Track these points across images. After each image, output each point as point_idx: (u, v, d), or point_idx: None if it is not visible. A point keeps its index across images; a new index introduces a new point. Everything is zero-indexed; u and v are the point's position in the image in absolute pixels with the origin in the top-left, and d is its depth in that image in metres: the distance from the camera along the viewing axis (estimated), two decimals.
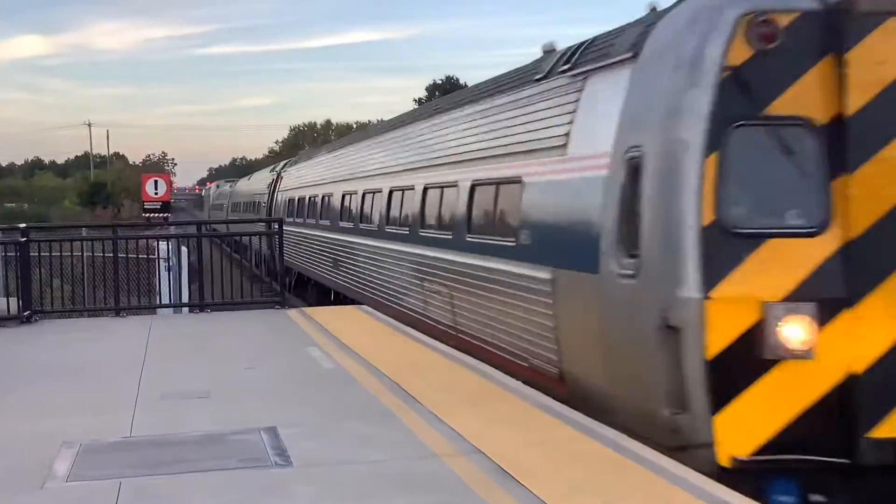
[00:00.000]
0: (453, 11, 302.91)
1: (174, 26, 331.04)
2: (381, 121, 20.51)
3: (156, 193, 23.55)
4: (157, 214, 23.57)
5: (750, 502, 5.24)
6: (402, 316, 13.52)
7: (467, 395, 8.10)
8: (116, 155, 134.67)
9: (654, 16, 8.17)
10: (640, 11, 8.74)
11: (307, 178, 24.88)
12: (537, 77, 10.03)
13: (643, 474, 5.73)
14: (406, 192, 14.50)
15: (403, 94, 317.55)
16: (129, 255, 16.93)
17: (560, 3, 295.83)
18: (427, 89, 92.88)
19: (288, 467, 6.16)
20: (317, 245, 21.89)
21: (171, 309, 17.06)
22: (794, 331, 6.35)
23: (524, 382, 8.68)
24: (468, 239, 11.16)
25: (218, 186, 71.60)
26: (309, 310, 15.59)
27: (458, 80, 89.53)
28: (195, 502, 5.51)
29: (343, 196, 19.48)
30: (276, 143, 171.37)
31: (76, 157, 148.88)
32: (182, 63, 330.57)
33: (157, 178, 24.22)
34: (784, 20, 6.65)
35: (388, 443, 6.66)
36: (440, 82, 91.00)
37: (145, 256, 19.79)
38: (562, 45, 10.36)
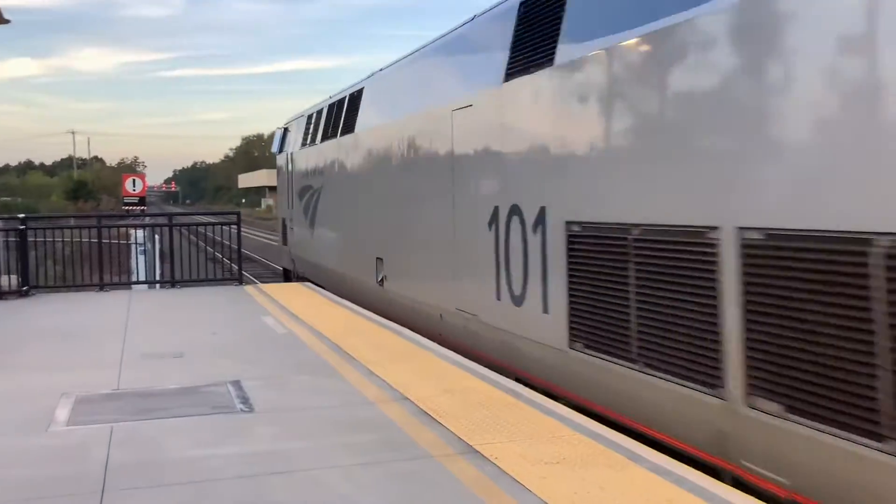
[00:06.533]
0: (376, 48, 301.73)
1: (145, 53, 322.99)
2: None
3: (134, 189, 22.86)
4: (134, 207, 22.87)
5: (620, 436, 5.35)
6: None
7: (394, 353, 8.12)
8: (96, 158, 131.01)
9: None
10: None
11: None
12: None
13: (535, 414, 5.83)
14: None
15: None
16: (112, 241, 16.45)
17: None
18: None
19: (251, 413, 6.11)
20: None
21: (146, 286, 16.67)
22: None
23: None
24: None
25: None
26: (262, 286, 15.41)
27: None
28: (175, 441, 5.43)
29: None
30: (231, 150, 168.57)
31: (61, 159, 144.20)
32: (151, 83, 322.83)
33: (135, 178, 23.45)
34: None
35: (333, 392, 6.65)
36: None
37: (125, 242, 19.29)
38: None
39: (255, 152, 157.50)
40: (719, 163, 5.00)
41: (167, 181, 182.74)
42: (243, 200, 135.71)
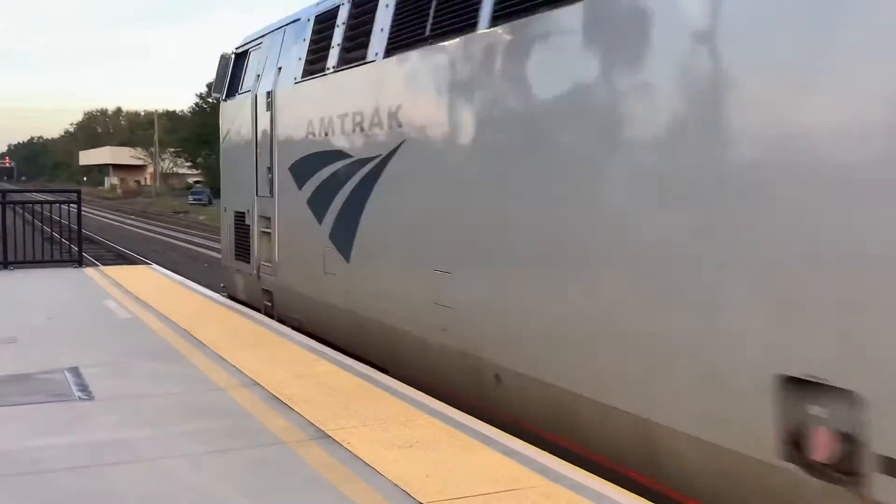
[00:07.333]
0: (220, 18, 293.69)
1: None
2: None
3: None
4: None
5: (472, 419, 5.45)
6: None
7: (247, 339, 7.96)
8: None
9: None
10: None
11: None
12: None
13: (388, 398, 5.86)
14: None
15: (190, 88, 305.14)
16: None
17: None
18: (208, 85, 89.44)
19: (91, 401, 5.83)
20: None
21: None
22: None
23: None
24: None
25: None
26: (104, 268, 14.72)
27: None
28: (8, 431, 5.11)
29: None
30: (72, 125, 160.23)
31: None
32: None
33: None
34: None
35: (180, 379, 6.44)
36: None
37: None
38: None
39: (98, 128, 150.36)
40: None
41: (0, 156, 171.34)
42: (84, 178, 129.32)
